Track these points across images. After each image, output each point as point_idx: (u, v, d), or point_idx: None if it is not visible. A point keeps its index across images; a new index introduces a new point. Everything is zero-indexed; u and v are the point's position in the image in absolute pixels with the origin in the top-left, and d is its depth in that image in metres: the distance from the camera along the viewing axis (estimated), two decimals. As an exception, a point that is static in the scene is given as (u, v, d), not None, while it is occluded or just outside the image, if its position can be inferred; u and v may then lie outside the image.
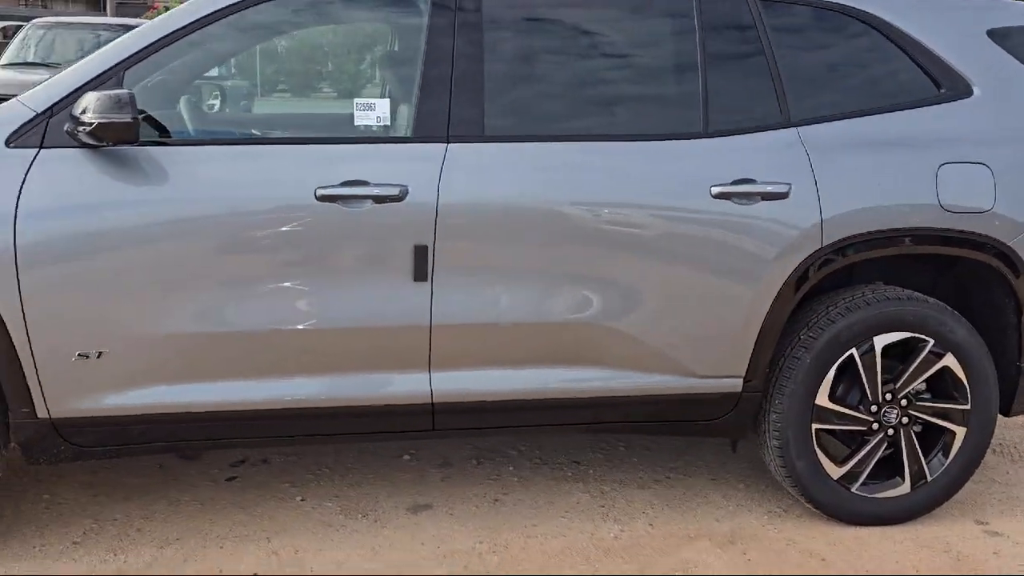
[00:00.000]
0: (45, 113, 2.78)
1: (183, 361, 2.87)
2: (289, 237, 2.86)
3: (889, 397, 3.29)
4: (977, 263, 3.32)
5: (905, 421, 3.31)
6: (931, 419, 3.34)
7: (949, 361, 3.28)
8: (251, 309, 2.87)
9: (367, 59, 3.97)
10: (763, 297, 3.13)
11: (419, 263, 2.92)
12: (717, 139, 3.13)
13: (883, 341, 3.23)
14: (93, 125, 2.63)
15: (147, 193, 2.79)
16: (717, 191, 3.06)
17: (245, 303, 2.86)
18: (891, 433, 3.31)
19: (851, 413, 3.28)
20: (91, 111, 2.63)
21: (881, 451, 3.33)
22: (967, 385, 3.31)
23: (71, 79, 2.82)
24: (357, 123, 3.00)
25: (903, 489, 3.36)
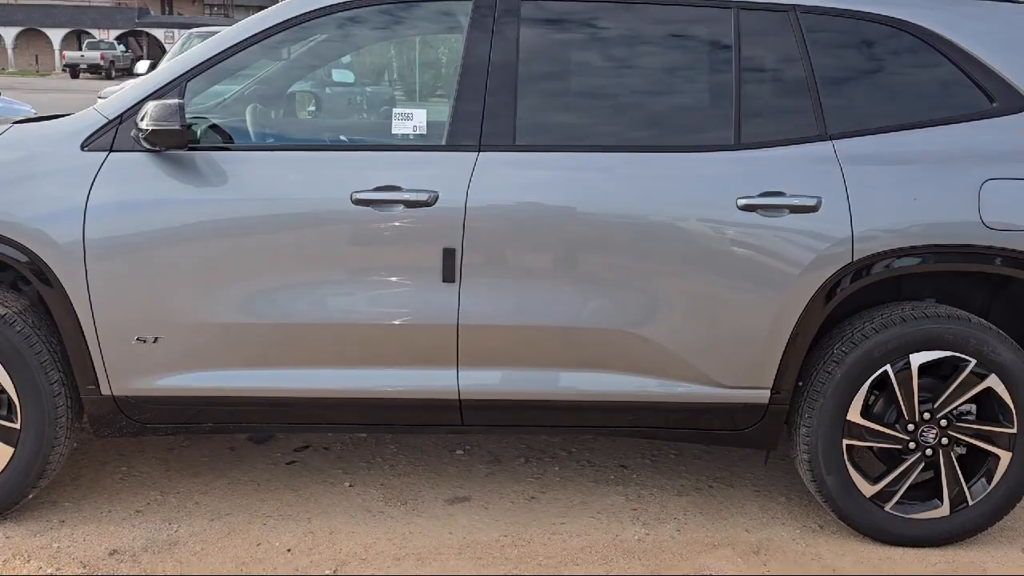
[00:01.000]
0: (115, 120, 3.10)
1: (229, 349, 3.12)
2: (326, 237, 3.07)
3: (927, 417, 3.22)
4: (1017, 281, 3.21)
5: (944, 442, 3.24)
6: (972, 441, 3.25)
7: (992, 383, 3.19)
8: (289, 303, 3.09)
9: (406, 72, 4.17)
10: (790, 310, 3.13)
11: (447, 265, 3.08)
12: (748, 151, 3.15)
13: (920, 359, 3.17)
14: (148, 131, 2.92)
15: (199, 194, 3.06)
16: (743, 203, 3.08)
17: (284, 297, 3.09)
18: (929, 454, 3.24)
19: (884, 431, 3.23)
20: (147, 119, 2.93)
21: (918, 471, 3.27)
22: (1013, 409, 3.21)
23: (138, 90, 3.13)
24: (395, 131, 3.19)
25: (942, 512, 3.28)
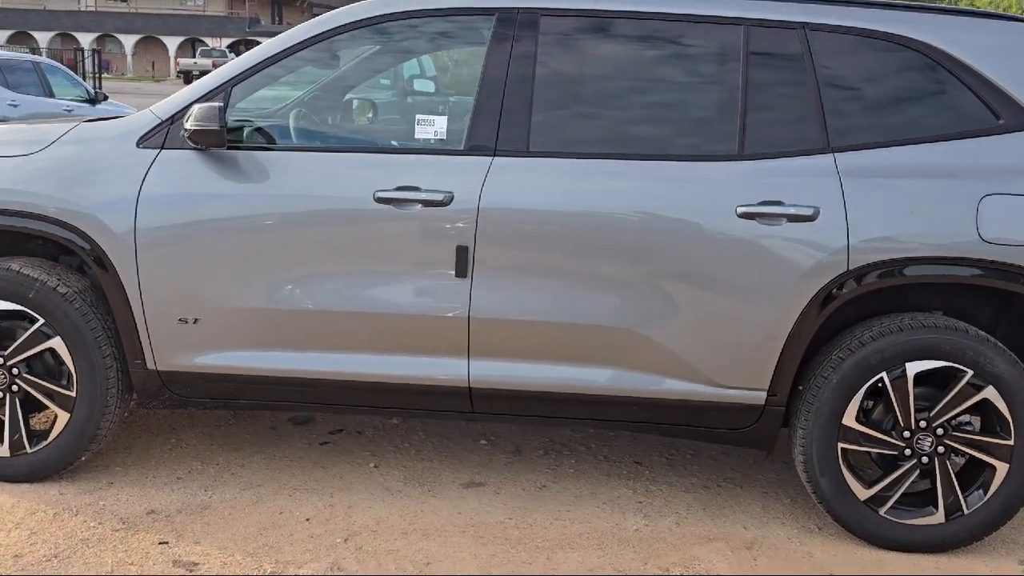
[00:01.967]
0: (167, 121, 3.43)
1: (259, 331, 3.41)
2: (350, 232, 3.34)
3: (923, 425, 3.30)
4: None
5: (941, 451, 3.31)
6: (968, 451, 3.32)
7: (990, 394, 3.25)
8: (315, 291, 3.36)
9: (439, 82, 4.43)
10: (786, 315, 3.25)
11: (460, 261, 3.30)
12: (751, 162, 3.29)
13: (916, 368, 3.26)
14: (191, 131, 3.24)
15: (237, 189, 3.36)
16: (742, 211, 3.23)
17: (310, 286, 3.36)
18: (925, 462, 3.32)
19: (880, 436, 3.32)
20: (191, 119, 3.24)
21: (913, 478, 3.34)
22: (1010, 421, 3.26)
23: (188, 93, 3.46)
24: (417, 136, 3.44)
25: (936, 519, 3.35)
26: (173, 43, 61.17)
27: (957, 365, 3.25)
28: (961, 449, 3.32)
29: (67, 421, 3.50)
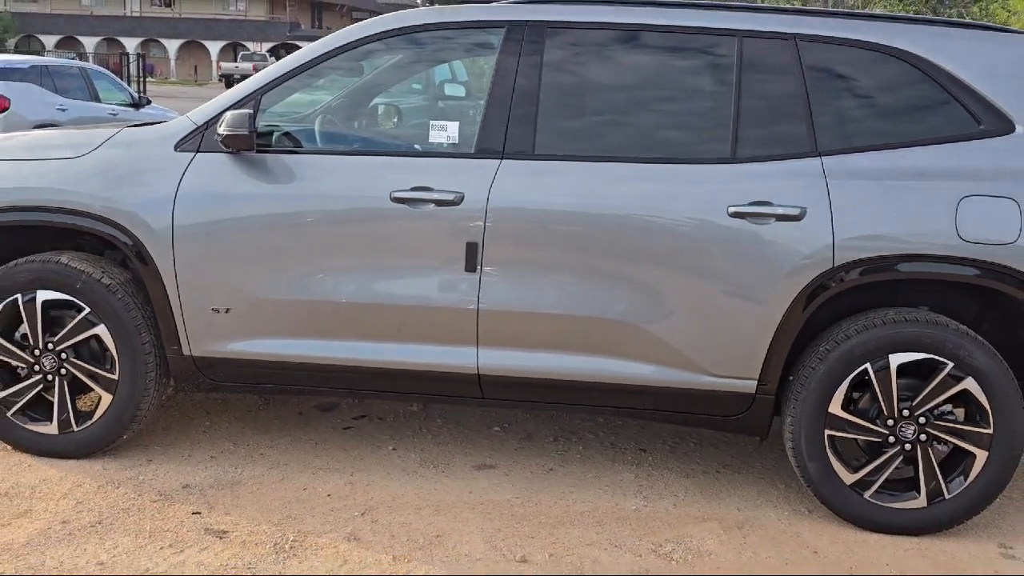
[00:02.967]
0: (202, 126, 3.73)
1: (285, 321, 3.69)
2: (368, 229, 3.61)
3: (907, 414, 3.50)
4: (1005, 294, 3.46)
5: (923, 438, 3.50)
6: (949, 439, 3.50)
7: (969, 385, 3.44)
8: (335, 284, 3.63)
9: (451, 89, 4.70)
10: (774, 309, 3.47)
11: (470, 257, 3.56)
12: (743, 164, 3.51)
13: (898, 360, 3.45)
14: (223, 136, 3.53)
15: (265, 189, 3.65)
16: (733, 210, 3.45)
17: (331, 279, 3.63)
18: (908, 448, 3.51)
19: (864, 424, 3.52)
20: (223, 125, 3.53)
21: (896, 464, 3.54)
22: (989, 410, 3.45)
23: (221, 101, 3.75)
24: (431, 140, 3.70)
25: (919, 503, 3.54)
26: (215, 47, 62.24)
27: (938, 357, 3.44)
28: (942, 437, 3.51)
29: (110, 402, 3.80)
